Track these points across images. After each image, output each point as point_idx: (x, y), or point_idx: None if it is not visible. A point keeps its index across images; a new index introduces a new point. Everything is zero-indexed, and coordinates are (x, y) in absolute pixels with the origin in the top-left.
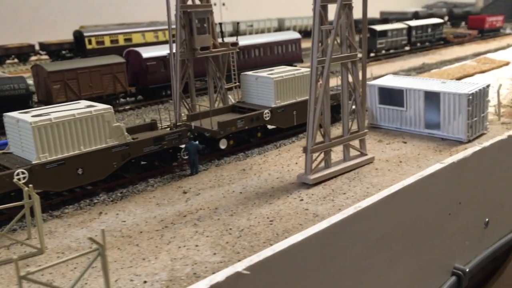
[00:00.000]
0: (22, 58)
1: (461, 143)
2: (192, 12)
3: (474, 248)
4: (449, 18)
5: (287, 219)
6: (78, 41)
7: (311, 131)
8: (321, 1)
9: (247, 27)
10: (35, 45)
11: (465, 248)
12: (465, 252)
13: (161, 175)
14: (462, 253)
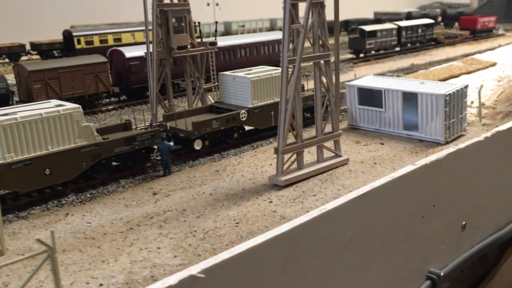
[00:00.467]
0: (12, 58)
1: (439, 145)
2: (169, 11)
3: (450, 251)
4: (443, 19)
5: (253, 221)
6: (67, 41)
7: (282, 132)
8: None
9: (239, 27)
10: (26, 45)
11: (441, 252)
12: (441, 256)
13: (133, 176)
14: (438, 256)
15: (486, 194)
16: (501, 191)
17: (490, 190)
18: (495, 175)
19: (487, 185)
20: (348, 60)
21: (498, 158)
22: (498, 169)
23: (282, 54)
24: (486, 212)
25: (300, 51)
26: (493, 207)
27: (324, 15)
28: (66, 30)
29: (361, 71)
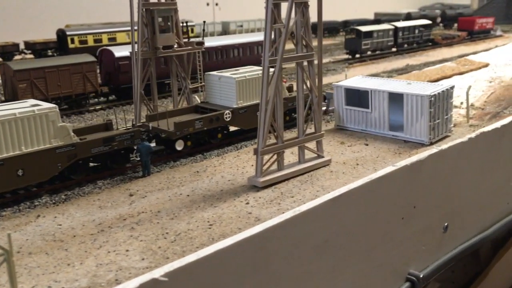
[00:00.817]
0: (6, 57)
1: (423, 146)
2: (155, 10)
3: (431, 253)
4: (442, 20)
5: (227, 223)
6: (60, 40)
7: (261, 133)
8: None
9: (237, 27)
10: (19, 44)
11: (422, 253)
12: (422, 257)
13: (111, 177)
14: (418, 258)
15: (470, 195)
16: (485, 192)
17: (474, 191)
18: (479, 176)
19: (470, 186)
20: (344, 61)
21: (483, 159)
22: (483, 170)
23: (263, 54)
24: (470, 213)
25: (281, 51)
26: (476, 208)
27: (307, 15)
28: (60, 29)
29: (356, 71)
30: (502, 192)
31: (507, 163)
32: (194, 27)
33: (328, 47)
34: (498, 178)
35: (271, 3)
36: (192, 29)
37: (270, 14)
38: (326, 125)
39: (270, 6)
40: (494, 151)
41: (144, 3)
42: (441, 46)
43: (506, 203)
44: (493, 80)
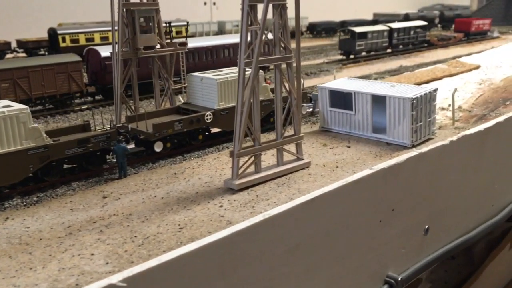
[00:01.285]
0: None
1: (405, 148)
2: (136, 10)
3: (411, 256)
4: (440, 21)
5: (198, 226)
6: (52, 39)
7: (237, 135)
8: (249, 0)
9: (233, 26)
10: (11, 42)
11: (401, 256)
12: (401, 260)
13: (86, 179)
14: (397, 261)
15: (452, 197)
16: (469, 194)
17: (456, 194)
18: (462, 179)
19: (453, 188)
20: (337, 61)
21: (465, 162)
22: (465, 173)
23: (239, 57)
24: (452, 215)
25: (256, 53)
26: (459, 211)
27: (285, 16)
28: (51, 28)
29: (349, 72)
30: (487, 194)
31: (491, 166)
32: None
33: (324, 47)
34: (482, 181)
35: (247, 4)
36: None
37: (246, 15)
38: (311, 127)
39: (246, 8)
40: (477, 153)
41: (124, 3)
42: (437, 47)
43: (491, 205)
44: (483, 82)
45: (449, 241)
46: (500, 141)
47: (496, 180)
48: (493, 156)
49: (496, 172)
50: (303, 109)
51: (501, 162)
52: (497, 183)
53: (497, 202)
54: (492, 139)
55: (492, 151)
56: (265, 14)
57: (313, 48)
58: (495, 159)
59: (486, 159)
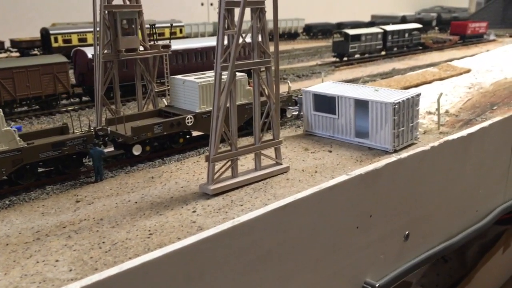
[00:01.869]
0: None
1: (387, 153)
2: (117, 12)
3: (391, 262)
4: (437, 23)
5: (168, 232)
6: (44, 39)
7: (213, 140)
8: (226, 4)
9: None
10: (4, 42)
11: (380, 262)
12: (380, 266)
13: (62, 182)
14: (376, 267)
15: (434, 203)
16: (452, 200)
17: (439, 199)
18: (444, 184)
19: (435, 194)
20: (331, 64)
21: (448, 167)
22: (448, 178)
23: (215, 61)
24: (434, 221)
25: (232, 58)
26: (442, 217)
27: (264, 20)
28: (44, 28)
29: (342, 75)
30: (471, 199)
31: (475, 171)
32: (183, 27)
33: (319, 49)
34: (466, 186)
35: (223, 8)
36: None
37: (222, 19)
38: (296, 130)
39: (223, 11)
40: (460, 159)
41: (106, 5)
42: (432, 50)
43: (475, 210)
44: (472, 86)
45: (430, 247)
46: (484, 146)
47: (481, 186)
48: (477, 162)
49: (480, 178)
50: (288, 112)
51: (486, 167)
52: (482, 188)
53: (481, 207)
54: (476, 144)
55: (476, 157)
56: (241, 18)
57: (308, 50)
58: (479, 164)
59: (469, 164)
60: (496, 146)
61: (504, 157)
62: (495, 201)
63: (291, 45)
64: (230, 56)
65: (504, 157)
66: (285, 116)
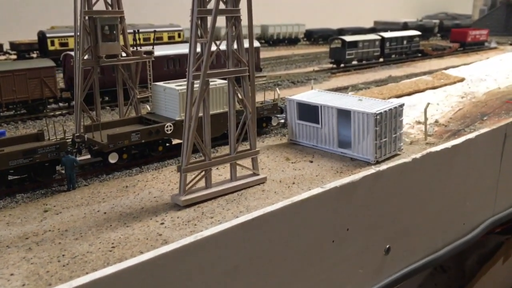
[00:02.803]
0: None
1: (369, 164)
2: (98, 18)
3: (370, 276)
4: (439, 30)
5: (132, 245)
6: (41, 42)
7: (185, 150)
8: (198, 12)
9: None
10: (3, 44)
11: (359, 277)
12: (359, 281)
13: (33, 190)
14: (354, 281)
15: (417, 216)
16: (436, 213)
17: (422, 212)
18: (428, 197)
19: (418, 207)
20: (327, 70)
21: (431, 179)
22: (431, 191)
23: (188, 69)
24: (417, 234)
25: (205, 66)
26: (425, 229)
27: (239, 28)
28: (41, 31)
29: (337, 81)
30: (457, 212)
31: (461, 183)
32: (182, 31)
33: (318, 55)
34: (451, 199)
35: (196, 16)
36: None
37: (195, 27)
38: (281, 139)
39: (195, 20)
40: (444, 171)
41: (86, 11)
42: (431, 57)
43: (462, 223)
44: (465, 96)
45: (413, 260)
46: (470, 158)
47: (468, 198)
48: (463, 174)
49: (467, 190)
50: (274, 120)
51: (473, 179)
52: (469, 201)
53: (469, 220)
54: (461, 156)
55: (462, 169)
56: (212, 27)
57: (307, 56)
58: (466, 176)
59: (455, 176)
60: (484, 157)
61: (493, 169)
62: (483, 213)
63: (291, 50)
64: (202, 66)
65: (493, 169)
66: (270, 124)
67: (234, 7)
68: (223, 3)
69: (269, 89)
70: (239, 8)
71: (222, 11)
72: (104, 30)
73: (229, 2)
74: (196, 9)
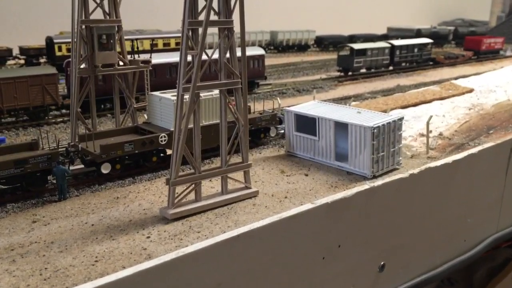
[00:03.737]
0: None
1: (365, 179)
2: (94, 27)
3: None
4: (454, 37)
5: (115, 260)
6: (49, 48)
7: (174, 162)
8: (189, 24)
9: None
10: (13, 49)
11: None
12: None
13: (24, 200)
14: None
15: (414, 232)
16: (435, 229)
17: (420, 229)
18: (426, 213)
19: (415, 223)
20: (334, 79)
21: (431, 195)
22: (431, 206)
23: (178, 81)
24: (414, 251)
25: (194, 79)
26: (423, 246)
27: (232, 39)
28: (48, 36)
29: (344, 90)
30: (458, 228)
31: (462, 199)
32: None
33: (327, 62)
34: (452, 215)
35: (187, 28)
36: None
37: (185, 39)
38: (278, 150)
39: (185, 31)
40: (444, 186)
41: (82, 20)
42: (443, 66)
43: (462, 240)
44: (473, 107)
45: (410, 278)
46: (473, 174)
47: (469, 214)
48: (465, 189)
49: (469, 206)
50: (272, 131)
51: (475, 195)
52: (470, 217)
53: (470, 237)
54: (463, 171)
55: (464, 184)
56: (202, 40)
57: (315, 63)
58: (467, 192)
59: (456, 192)
60: (488, 173)
61: (497, 185)
62: (486, 230)
63: (300, 57)
64: (192, 78)
65: (497, 184)
66: (268, 135)
67: (227, 18)
68: (215, 14)
69: (274, 97)
70: (232, 19)
71: (214, 22)
72: (101, 39)
73: (221, 13)
74: (187, 21)
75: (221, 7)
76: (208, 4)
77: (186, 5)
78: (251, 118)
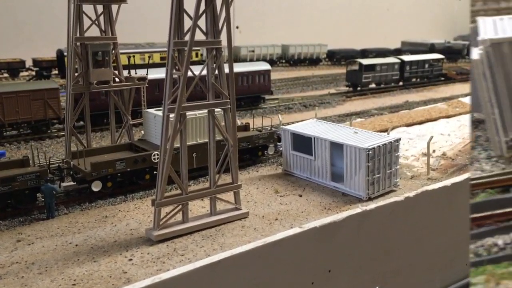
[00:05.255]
0: (12, 73)
1: (361, 201)
2: (89, 45)
3: None
4: (467, 52)
5: (93, 283)
6: (59, 60)
7: (159, 183)
8: (174, 45)
9: (248, 52)
10: (26, 61)
11: None
12: None
13: (12, 218)
14: None
15: (412, 256)
16: (434, 252)
17: (418, 252)
18: (424, 236)
19: (412, 246)
20: (342, 94)
21: (429, 218)
22: (430, 229)
23: (163, 101)
24: (412, 275)
25: (179, 100)
26: (422, 270)
27: (220, 59)
28: (59, 49)
29: (351, 105)
30: (459, 252)
31: (464, 222)
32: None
33: (337, 76)
34: (452, 238)
35: (172, 49)
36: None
37: (171, 60)
38: (276, 169)
39: (171, 52)
40: (444, 209)
41: (77, 37)
42: (455, 81)
43: (464, 264)
44: None
45: None
46: None
47: None
48: (466, 212)
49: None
50: (270, 149)
51: None
52: None
53: None
54: (463, 194)
55: (464, 207)
56: (187, 61)
57: (326, 77)
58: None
59: (458, 214)
60: None
61: None
62: None
63: (311, 71)
64: (178, 98)
65: None
66: (267, 153)
67: (214, 38)
68: (203, 34)
69: (279, 112)
70: (220, 39)
71: (201, 42)
72: (96, 56)
73: (209, 33)
74: (172, 41)
75: (209, 27)
76: (192, 25)
77: (172, 25)
78: (248, 136)
